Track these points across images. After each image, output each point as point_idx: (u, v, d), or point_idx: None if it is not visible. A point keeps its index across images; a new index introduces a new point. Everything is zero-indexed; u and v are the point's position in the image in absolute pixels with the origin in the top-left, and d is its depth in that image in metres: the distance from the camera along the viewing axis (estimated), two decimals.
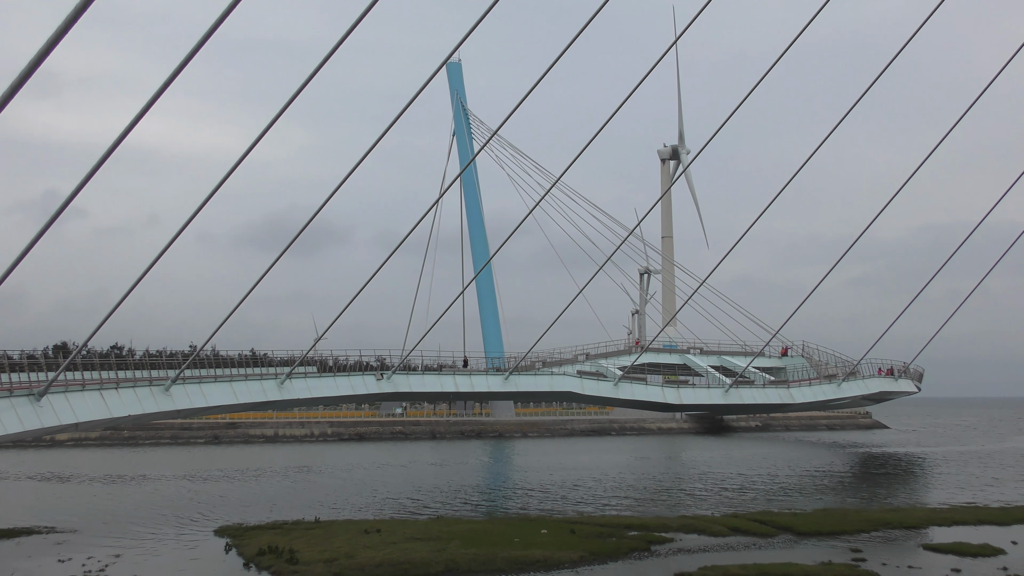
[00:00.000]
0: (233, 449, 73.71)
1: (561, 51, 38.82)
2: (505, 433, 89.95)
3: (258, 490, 43.81)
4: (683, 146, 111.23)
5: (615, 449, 74.19)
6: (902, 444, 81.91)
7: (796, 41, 44.02)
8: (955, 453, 70.32)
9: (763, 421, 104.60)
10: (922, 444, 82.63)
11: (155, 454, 68.40)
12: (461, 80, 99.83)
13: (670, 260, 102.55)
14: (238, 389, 41.81)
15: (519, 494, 42.16)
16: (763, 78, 45.67)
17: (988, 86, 48.58)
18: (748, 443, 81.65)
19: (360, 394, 49.14)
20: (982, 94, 49.02)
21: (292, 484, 46.55)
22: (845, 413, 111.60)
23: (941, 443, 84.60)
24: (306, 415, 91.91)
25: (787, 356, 78.41)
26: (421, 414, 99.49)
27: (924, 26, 45.08)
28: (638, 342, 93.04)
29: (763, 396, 63.85)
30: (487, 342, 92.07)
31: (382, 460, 62.34)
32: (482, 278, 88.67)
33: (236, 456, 65.86)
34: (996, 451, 73.02)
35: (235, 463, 59.30)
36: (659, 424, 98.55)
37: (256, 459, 62.77)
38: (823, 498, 39.97)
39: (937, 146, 50.83)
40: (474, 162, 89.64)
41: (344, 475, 51.37)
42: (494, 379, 53.65)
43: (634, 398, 58.88)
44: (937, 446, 79.82)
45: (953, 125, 50.09)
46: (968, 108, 49.67)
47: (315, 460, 61.86)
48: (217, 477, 49.93)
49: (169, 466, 57.14)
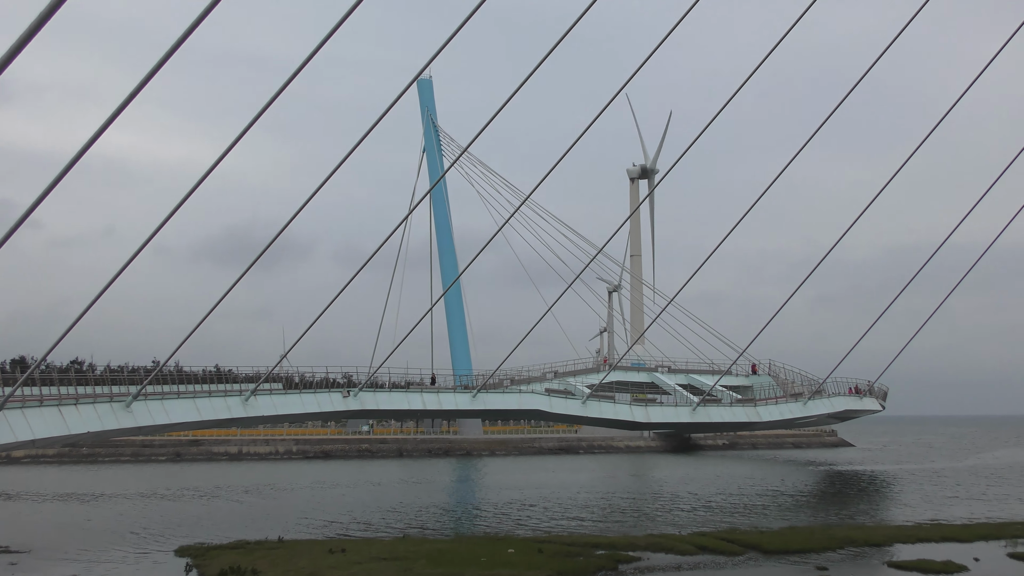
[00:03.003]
0: (196, 467, 72.58)
1: (532, 69, 39.05)
2: (473, 451, 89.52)
3: (221, 509, 43.11)
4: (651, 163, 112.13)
5: (583, 467, 74.09)
6: (867, 462, 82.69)
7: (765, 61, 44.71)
8: (919, 471, 71.12)
9: (730, 439, 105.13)
10: (886, 462, 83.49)
11: (115, 472, 67.12)
12: (432, 97, 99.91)
13: (638, 278, 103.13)
14: (201, 406, 41.23)
15: (486, 513, 41.89)
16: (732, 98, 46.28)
17: (952, 107, 49.60)
18: (715, 461, 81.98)
19: (326, 411, 48.73)
20: (946, 115, 50.03)
21: (255, 502, 45.86)
22: (811, 431, 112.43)
23: (905, 461, 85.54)
24: (271, 432, 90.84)
25: (756, 374, 79.02)
26: (388, 432, 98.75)
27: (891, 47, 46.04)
28: (606, 360, 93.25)
29: (730, 414, 64.22)
30: (455, 359, 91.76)
31: (348, 478, 61.69)
32: (451, 294, 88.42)
33: (199, 474, 64.84)
34: (958, 469, 73.98)
35: (198, 481, 58.36)
36: (627, 442, 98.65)
37: (219, 477, 61.84)
38: (789, 516, 40.15)
39: (902, 166, 51.78)
40: (444, 178, 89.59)
41: (309, 494, 50.74)
42: (462, 397, 53.41)
43: (602, 416, 58.95)
44: (901, 464, 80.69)
45: (918, 146, 51.09)
46: (932, 129, 50.70)
47: (280, 478, 61.07)
48: (179, 495, 49.08)
49: (129, 484, 56.08)
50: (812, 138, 49.32)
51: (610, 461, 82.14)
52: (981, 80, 48.46)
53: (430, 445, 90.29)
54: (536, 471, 68.74)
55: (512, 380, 70.63)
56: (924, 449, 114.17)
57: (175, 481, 58.31)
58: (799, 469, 73.84)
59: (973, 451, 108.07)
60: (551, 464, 76.94)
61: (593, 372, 79.44)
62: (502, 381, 66.58)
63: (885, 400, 72.79)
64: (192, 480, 59.31)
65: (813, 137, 49.25)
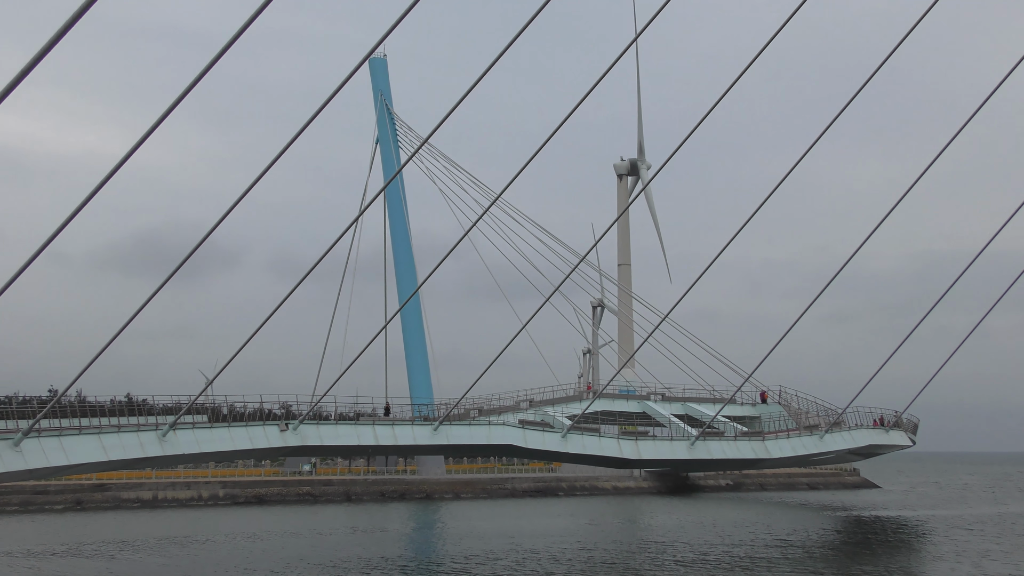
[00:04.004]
0: (100, 516, 71.58)
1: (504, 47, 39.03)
2: (434, 494, 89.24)
3: (127, 568, 42.57)
4: (643, 160, 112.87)
5: (563, 512, 74.03)
6: (894, 506, 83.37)
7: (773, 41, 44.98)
8: (955, 518, 71.77)
9: (735, 479, 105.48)
10: (917, 507, 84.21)
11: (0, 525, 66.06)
12: (387, 78, 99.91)
13: (627, 291, 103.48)
14: (109, 443, 40.64)
15: (450, 567, 41.73)
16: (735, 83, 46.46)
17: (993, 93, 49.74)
18: (717, 505, 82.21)
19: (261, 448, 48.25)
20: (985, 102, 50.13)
21: (170, 560, 45.35)
22: (829, 470, 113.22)
23: (938, 505, 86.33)
24: (193, 473, 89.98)
25: (765, 403, 79.37)
26: (334, 472, 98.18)
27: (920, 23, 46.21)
28: (590, 387, 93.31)
29: (735, 450, 64.33)
30: (413, 386, 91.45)
31: (286, 527, 61.25)
32: (408, 310, 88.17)
33: (104, 525, 63.94)
34: (1000, 516, 74.72)
35: (102, 534, 57.59)
36: (615, 482, 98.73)
37: (129, 528, 61.03)
38: (803, 572, 40.28)
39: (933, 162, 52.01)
40: (401, 174, 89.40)
41: (237, 547, 50.28)
42: (421, 430, 53.19)
43: (586, 452, 58.87)
44: (934, 509, 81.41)
45: (952, 137, 51.22)
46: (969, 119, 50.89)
47: (202, 528, 60.47)
48: (77, 551, 48.35)
49: (16, 539, 55.11)
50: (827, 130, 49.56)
51: (594, 505, 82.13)
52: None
53: (383, 487, 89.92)
54: (507, 517, 68.52)
55: (480, 410, 70.39)
56: (960, 491, 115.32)
57: (74, 534, 57.43)
58: (815, 515, 74.22)
59: (1017, 494, 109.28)
60: (525, 509, 76.80)
61: (575, 400, 79.37)
62: (468, 411, 66.24)
63: (915, 433, 73.35)
64: (95, 533, 58.47)
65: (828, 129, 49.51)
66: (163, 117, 31.08)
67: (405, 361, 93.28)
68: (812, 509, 79.84)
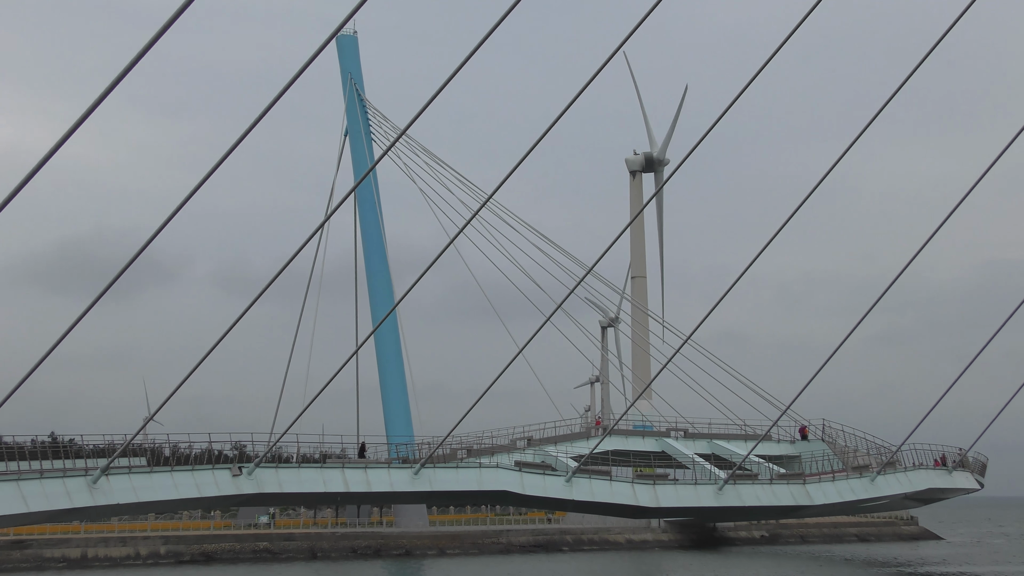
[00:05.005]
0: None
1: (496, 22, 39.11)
2: (414, 550, 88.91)
3: None
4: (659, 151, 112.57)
5: (568, 572, 73.77)
6: (959, 561, 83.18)
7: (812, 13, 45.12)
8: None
9: (771, 530, 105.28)
10: (984, 562, 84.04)
11: None
12: (357, 59, 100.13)
13: (643, 308, 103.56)
14: (29, 491, 40.62)
15: None
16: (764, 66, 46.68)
17: None
18: (750, 561, 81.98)
19: (209, 496, 48.27)
20: None
21: None
22: (882, 518, 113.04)
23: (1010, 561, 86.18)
24: (130, 527, 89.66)
25: (806, 440, 79.37)
26: (296, 524, 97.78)
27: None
28: (599, 422, 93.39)
29: (770, 496, 64.39)
30: (390, 422, 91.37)
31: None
32: (383, 332, 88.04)
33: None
34: None
35: None
36: (629, 535, 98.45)
37: None
38: None
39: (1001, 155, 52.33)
40: (374, 172, 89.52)
41: None
42: (399, 474, 53.24)
43: (594, 499, 58.96)
44: (1005, 565, 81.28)
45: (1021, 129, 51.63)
46: None
47: None
48: None
49: None
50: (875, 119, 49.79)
51: (604, 562, 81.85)
52: None
53: (354, 542, 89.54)
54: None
55: (469, 450, 70.33)
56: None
57: None
58: (865, 573, 74.04)
59: None
60: (522, 567, 76.53)
61: (581, 438, 79.43)
62: (455, 452, 66.23)
63: (983, 475, 73.45)
64: None
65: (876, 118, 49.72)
66: (94, 106, 31.16)
67: (380, 393, 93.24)
68: (862, 565, 79.67)
